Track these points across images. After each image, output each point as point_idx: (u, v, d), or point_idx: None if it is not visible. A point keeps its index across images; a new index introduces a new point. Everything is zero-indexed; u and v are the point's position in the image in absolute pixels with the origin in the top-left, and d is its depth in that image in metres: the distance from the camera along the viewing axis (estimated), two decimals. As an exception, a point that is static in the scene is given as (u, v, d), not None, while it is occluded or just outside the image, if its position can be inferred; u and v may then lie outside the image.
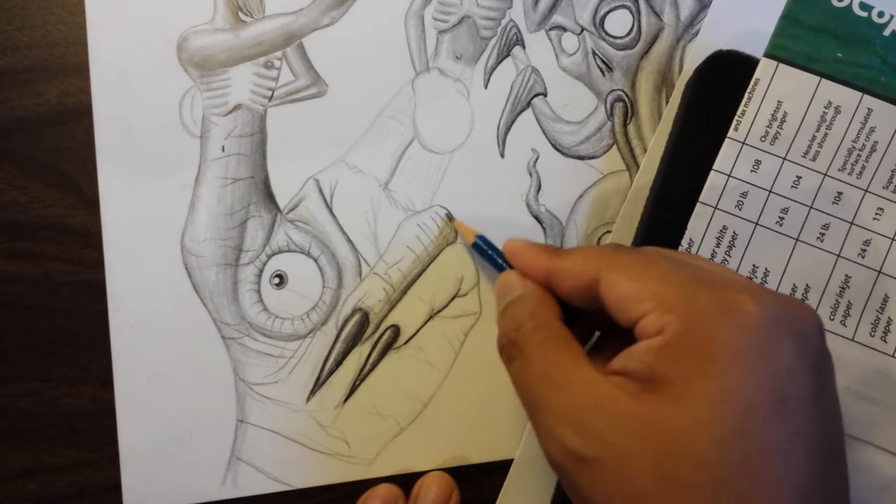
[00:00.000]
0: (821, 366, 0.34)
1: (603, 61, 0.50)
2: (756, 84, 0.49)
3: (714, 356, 0.32)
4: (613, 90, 0.50)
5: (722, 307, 0.34)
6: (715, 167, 0.49)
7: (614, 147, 0.50)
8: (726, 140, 0.49)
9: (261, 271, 0.48)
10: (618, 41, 0.51)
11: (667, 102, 0.51)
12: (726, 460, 0.31)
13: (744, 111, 0.49)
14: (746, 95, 0.49)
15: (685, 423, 0.32)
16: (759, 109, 0.49)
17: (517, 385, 0.38)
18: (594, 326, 0.42)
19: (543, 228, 0.50)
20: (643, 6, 0.51)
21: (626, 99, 0.51)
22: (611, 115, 0.50)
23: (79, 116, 0.46)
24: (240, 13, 0.48)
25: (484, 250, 0.46)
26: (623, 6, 0.50)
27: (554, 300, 0.40)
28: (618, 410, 0.33)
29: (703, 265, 0.38)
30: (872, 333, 0.48)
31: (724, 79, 0.50)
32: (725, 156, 0.49)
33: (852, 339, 0.48)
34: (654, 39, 0.51)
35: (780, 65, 0.49)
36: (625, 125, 0.51)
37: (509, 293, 0.41)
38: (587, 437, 0.34)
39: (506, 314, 0.40)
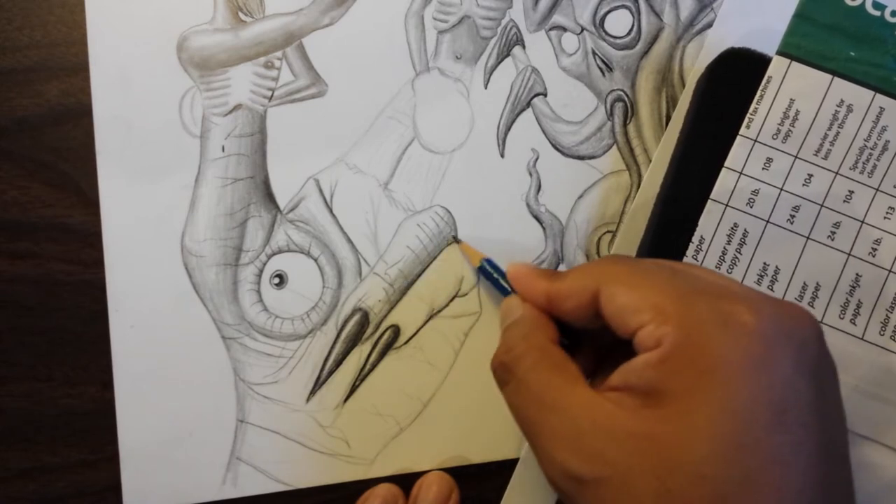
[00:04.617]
0: (820, 373, 0.34)
1: (603, 61, 0.50)
2: (768, 82, 0.49)
3: (713, 369, 0.32)
4: (613, 90, 0.50)
5: (719, 318, 0.33)
6: (726, 164, 0.49)
7: (614, 147, 0.50)
8: (738, 137, 0.49)
9: (261, 271, 0.48)
10: (618, 41, 0.50)
11: (667, 103, 0.51)
12: (728, 474, 0.31)
13: (756, 109, 0.49)
14: (759, 93, 0.49)
15: (686, 437, 0.32)
16: (771, 107, 0.49)
17: (512, 409, 0.38)
18: (598, 348, 0.42)
19: (543, 228, 0.50)
20: (643, 6, 0.50)
21: (626, 99, 0.50)
22: (611, 115, 0.50)
23: (79, 116, 0.47)
24: (240, 13, 0.48)
25: (489, 273, 0.47)
26: (623, 6, 0.50)
27: (550, 323, 0.40)
28: (616, 428, 0.33)
29: (702, 275, 0.37)
30: (882, 332, 0.48)
31: (736, 76, 0.50)
32: (737, 153, 0.49)
33: (861, 338, 0.48)
34: (654, 39, 0.50)
35: (793, 63, 0.48)
36: (625, 125, 0.50)
37: (508, 317, 0.41)
38: (586, 459, 0.33)
39: (501, 338, 0.40)
